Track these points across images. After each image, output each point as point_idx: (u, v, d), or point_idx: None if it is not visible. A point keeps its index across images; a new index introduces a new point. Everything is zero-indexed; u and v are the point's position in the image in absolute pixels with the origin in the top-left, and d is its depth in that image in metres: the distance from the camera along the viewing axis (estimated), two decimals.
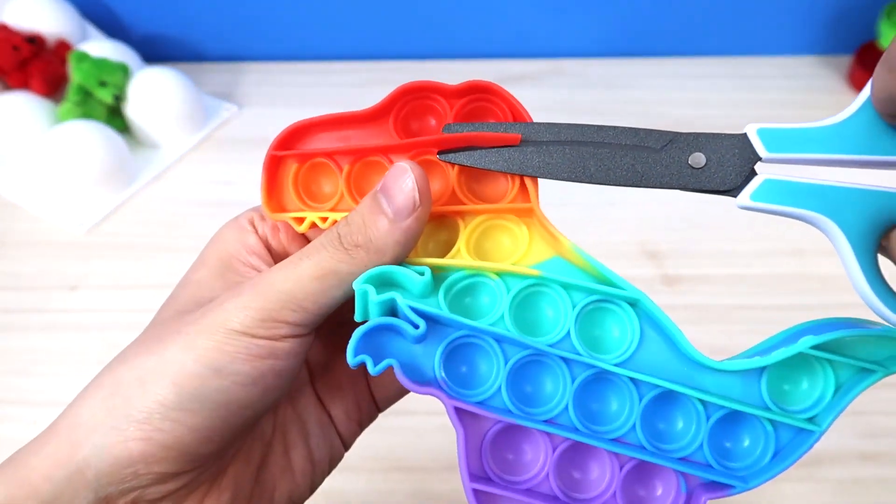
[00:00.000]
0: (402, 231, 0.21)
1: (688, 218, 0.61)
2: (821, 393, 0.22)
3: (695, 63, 0.78)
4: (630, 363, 0.22)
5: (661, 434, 0.22)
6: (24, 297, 0.56)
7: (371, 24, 0.79)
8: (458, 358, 0.23)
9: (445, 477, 0.45)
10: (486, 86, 0.23)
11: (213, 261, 0.25)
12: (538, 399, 0.22)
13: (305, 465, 0.26)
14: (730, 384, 0.22)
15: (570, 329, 0.22)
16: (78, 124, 0.62)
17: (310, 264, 0.21)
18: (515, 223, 0.23)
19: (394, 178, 0.21)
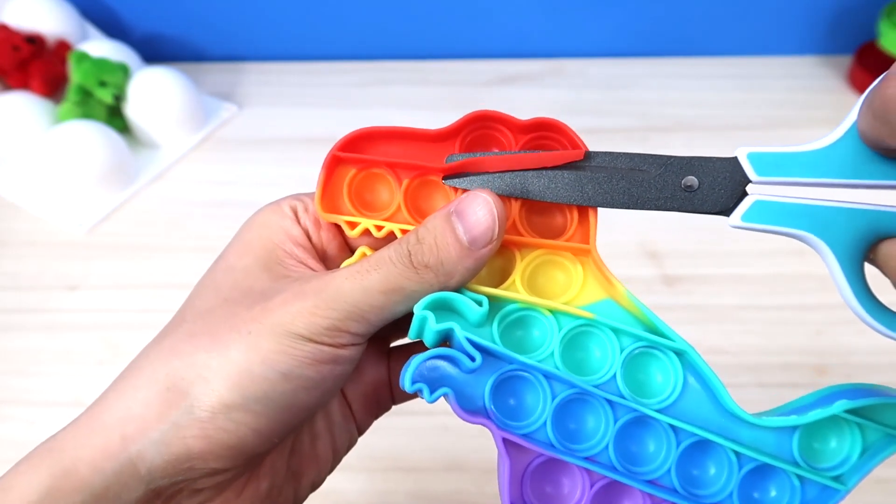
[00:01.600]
0: (475, 259, 0.22)
1: (688, 218, 0.61)
2: (848, 453, 0.23)
3: (695, 63, 0.78)
4: (671, 410, 0.23)
5: (694, 480, 0.23)
6: (24, 297, 0.56)
7: (371, 24, 0.79)
8: (507, 390, 0.23)
9: (445, 477, 0.45)
10: (552, 123, 0.24)
11: (258, 248, 0.24)
12: (581, 436, 0.23)
13: (328, 454, 0.26)
14: (763, 438, 0.23)
15: (616, 372, 0.23)
16: (78, 124, 0.62)
17: (378, 278, 0.21)
18: (571, 261, 0.24)
19: (473, 206, 0.21)
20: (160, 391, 0.21)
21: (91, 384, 0.50)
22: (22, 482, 0.20)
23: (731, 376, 0.49)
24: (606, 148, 0.26)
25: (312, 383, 0.21)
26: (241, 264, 0.24)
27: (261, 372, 0.21)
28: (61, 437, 0.21)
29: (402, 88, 0.76)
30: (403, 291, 0.21)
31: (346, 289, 0.21)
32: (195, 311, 0.23)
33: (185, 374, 0.21)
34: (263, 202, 0.27)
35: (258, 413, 0.21)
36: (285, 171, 0.66)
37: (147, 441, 0.21)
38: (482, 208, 0.21)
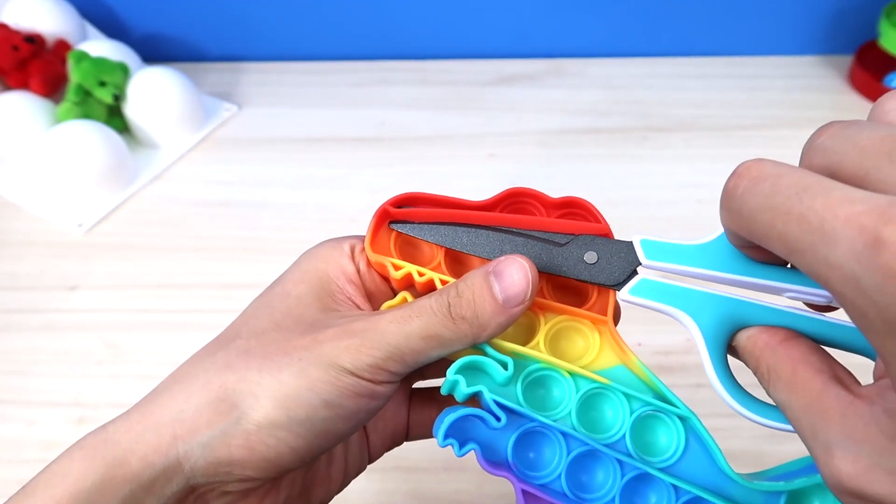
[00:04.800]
0: (507, 316, 0.24)
1: (688, 218, 0.61)
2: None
3: (695, 63, 0.78)
4: (673, 469, 0.25)
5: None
6: (24, 297, 0.56)
7: (371, 24, 0.79)
8: (527, 444, 0.26)
9: (445, 477, 0.45)
10: (579, 202, 0.27)
11: (313, 279, 0.26)
12: (590, 487, 0.26)
13: (339, 476, 0.29)
14: (755, 498, 0.25)
15: (626, 433, 0.25)
16: (77, 124, 0.62)
17: (419, 324, 0.24)
18: (590, 329, 0.27)
19: (510, 269, 0.24)
20: (212, 400, 0.23)
21: (91, 384, 0.50)
22: (77, 469, 0.22)
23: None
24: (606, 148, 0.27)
25: (349, 413, 0.23)
26: (296, 291, 0.26)
27: (307, 397, 0.23)
28: (114, 430, 0.23)
29: (402, 88, 0.76)
30: (440, 339, 0.24)
31: (390, 332, 0.23)
32: (250, 330, 0.25)
33: (237, 388, 0.23)
34: (263, 202, 0.29)
35: (298, 434, 0.23)
36: (285, 171, 0.66)
37: (195, 443, 0.22)
38: (518, 272, 0.24)
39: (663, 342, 0.51)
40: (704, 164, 0.66)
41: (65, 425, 0.48)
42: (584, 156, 0.67)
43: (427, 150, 0.69)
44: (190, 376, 0.24)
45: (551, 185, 0.65)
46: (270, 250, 0.58)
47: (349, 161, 0.67)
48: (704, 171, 0.65)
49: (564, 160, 0.67)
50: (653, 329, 0.52)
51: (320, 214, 0.61)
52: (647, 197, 0.63)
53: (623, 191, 0.63)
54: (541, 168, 0.66)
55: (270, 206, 0.63)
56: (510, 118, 0.72)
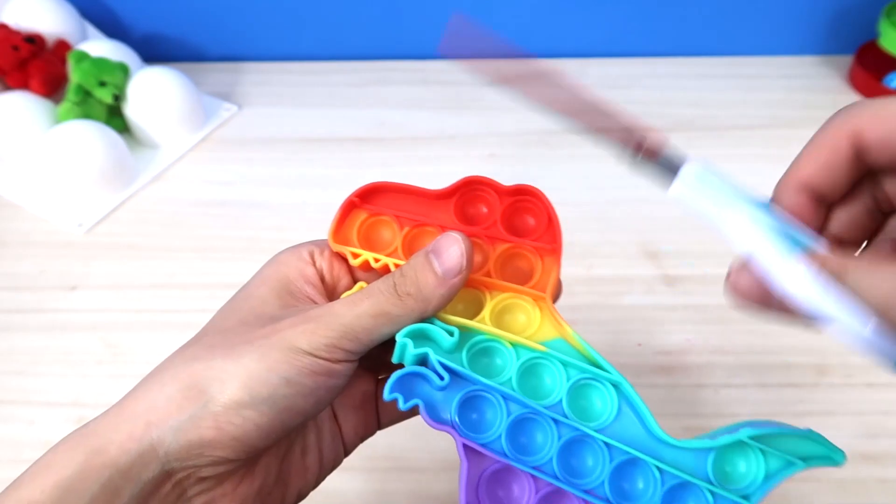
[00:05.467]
0: (448, 287, 0.26)
1: (688, 218, 0.61)
2: (753, 476, 0.27)
3: (695, 63, 0.78)
4: (606, 430, 0.27)
5: (624, 492, 0.27)
6: (24, 297, 0.56)
7: (370, 24, 0.79)
8: (471, 406, 0.28)
9: (445, 477, 0.45)
10: (531, 190, 0.29)
11: (274, 282, 0.29)
12: (530, 448, 0.27)
13: (315, 467, 0.30)
14: (683, 458, 0.27)
15: (563, 398, 0.27)
16: (77, 124, 0.62)
17: (369, 304, 0.26)
18: (531, 305, 0.29)
19: (446, 244, 0.27)
20: (182, 388, 0.25)
21: (90, 384, 0.50)
22: (61, 459, 0.24)
23: (732, 376, 0.49)
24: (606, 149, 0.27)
25: (309, 390, 0.25)
26: (258, 293, 0.28)
27: (268, 377, 0.25)
28: (94, 424, 0.25)
29: (402, 88, 0.76)
30: (389, 316, 0.26)
31: (342, 313, 0.26)
32: (215, 329, 0.27)
33: (204, 375, 0.25)
34: (263, 202, 0.30)
35: (262, 412, 0.25)
36: (285, 171, 0.66)
37: (167, 428, 0.24)
38: (453, 245, 0.26)
39: (663, 342, 0.51)
40: None
41: (65, 425, 0.48)
42: (584, 156, 0.67)
43: (427, 150, 0.69)
44: (161, 371, 0.26)
45: (551, 184, 0.65)
46: (270, 250, 0.58)
47: (349, 161, 0.67)
48: None
49: (564, 160, 0.67)
50: (653, 329, 0.52)
51: (320, 214, 0.61)
52: (647, 197, 0.63)
53: (623, 191, 0.63)
54: (541, 168, 0.66)
55: (270, 206, 0.63)
56: (510, 118, 0.72)
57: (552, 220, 0.29)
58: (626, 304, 0.54)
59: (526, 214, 0.30)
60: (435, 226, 0.30)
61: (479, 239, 0.29)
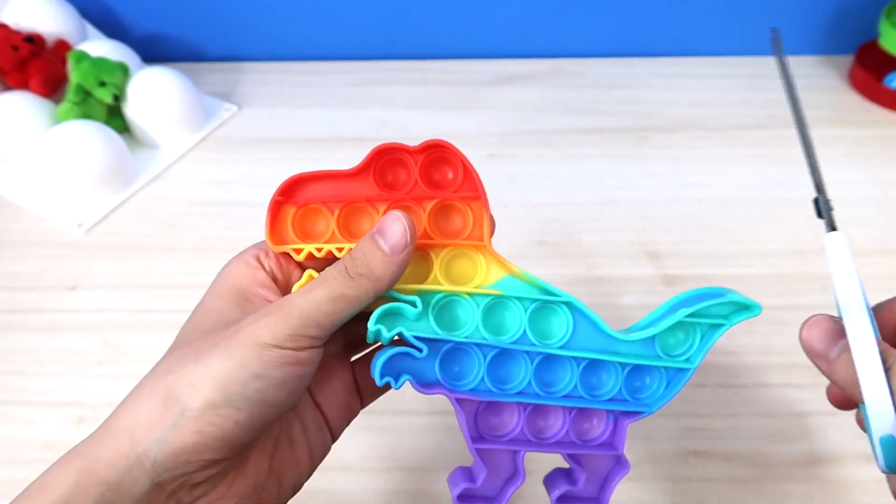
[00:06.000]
0: (397, 263, 0.28)
1: (688, 218, 0.61)
2: (691, 342, 0.32)
3: (695, 63, 0.78)
4: (568, 345, 0.31)
5: (593, 386, 0.32)
6: (24, 297, 0.56)
7: (371, 24, 0.79)
8: (450, 361, 0.31)
9: (445, 477, 0.45)
10: (440, 143, 0.30)
11: (229, 293, 0.30)
12: (509, 379, 0.31)
13: (305, 458, 0.31)
14: (636, 348, 0.31)
15: (525, 328, 0.31)
16: (77, 124, 0.62)
17: (324, 290, 0.27)
18: (474, 252, 0.31)
19: (389, 223, 0.28)
20: (159, 400, 0.26)
21: (90, 384, 0.50)
22: (54, 480, 0.25)
23: (732, 376, 0.49)
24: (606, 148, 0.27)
25: (280, 381, 0.26)
26: (217, 306, 0.29)
27: (237, 374, 0.25)
28: (85, 444, 0.26)
29: (402, 88, 0.76)
30: (346, 298, 0.27)
31: (300, 302, 0.27)
32: (182, 342, 0.28)
33: (177, 385, 0.26)
34: (263, 202, 0.30)
35: (238, 408, 0.25)
36: (285, 171, 0.66)
37: (151, 441, 0.25)
38: (395, 222, 0.28)
39: None
40: (704, 164, 0.66)
41: (65, 425, 0.48)
42: (584, 156, 0.67)
43: None
44: (139, 388, 0.27)
45: (551, 185, 0.66)
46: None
47: (349, 161, 0.67)
48: (704, 171, 0.66)
49: (564, 160, 0.67)
50: None
51: None
52: (647, 197, 0.63)
53: (623, 191, 0.63)
54: (541, 168, 0.66)
55: None
56: (510, 118, 0.72)
57: (467, 169, 0.30)
58: (626, 304, 0.54)
59: (443, 167, 0.31)
60: (362, 200, 0.31)
61: (406, 202, 0.31)
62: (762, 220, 0.61)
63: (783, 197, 0.63)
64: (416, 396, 0.47)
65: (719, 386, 0.49)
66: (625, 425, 0.32)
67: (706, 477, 0.45)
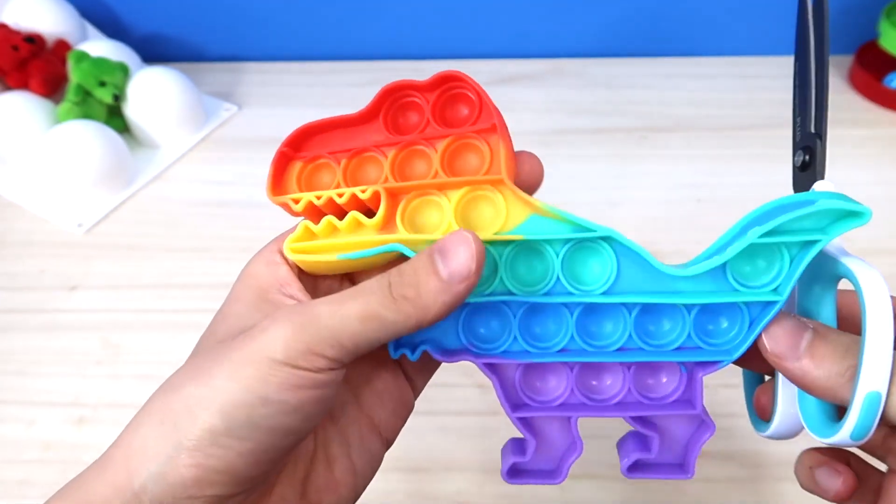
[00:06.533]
0: (452, 294, 0.23)
1: (688, 218, 0.61)
2: (779, 268, 0.25)
3: (695, 63, 0.78)
4: (613, 290, 0.26)
5: (653, 334, 0.26)
6: (24, 297, 0.56)
7: (371, 24, 0.79)
8: (476, 322, 0.27)
9: (445, 477, 0.45)
10: (453, 75, 0.26)
11: (248, 295, 0.26)
12: (548, 335, 0.26)
13: (348, 477, 0.26)
14: (701, 282, 0.25)
15: (558, 274, 0.26)
16: (77, 124, 0.62)
17: (356, 306, 0.22)
18: (492, 192, 0.26)
19: (454, 244, 0.23)
20: (155, 426, 0.22)
21: (90, 384, 0.50)
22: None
23: (732, 376, 0.49)
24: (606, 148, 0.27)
25: (291, 407, 0.22)
26: (233, 311, 0.25)
27: (242, 398, 0.21)
28: (85, 476, 0.23)
29: None
30: (380, 320, 0.22)
31: (323, 314, 0.22)
32: (193, 355, 0.25)
33: (174, 407, 0.22)
34: (263, 202, 0.29)
35: (243, 437, 0.22)
36: None
37: (147, 474, 0.22)
38: (462, 245, 0.23)
39: None
40: (704, 164, 0.66)
41: (65, 425, 0.48)
42: (584, 156, 0.67)
43: None
44: (143, 408, 0.23)
45: (551, 184, 0.65)
46: None
47: None
48: (704, 171, 0.65)
49: (564, 160, 0.67)
50: None
51: None
52: (647, 197, 0.63)
53: (623, 191, 0.63)
54: None
55: (270, 206, 0.62)
56: (510, 118, 0.71)
57: (482, 99, 0.27)
58: None
59: (457, 105, 0.28)
60: (370, 148, 0.28)
61: (418, 144, 0.27)
62: None
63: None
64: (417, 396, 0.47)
65: (719, 386, 0.49)
66: (700, 378, 0.26)
67: (706, 477, 0.45)
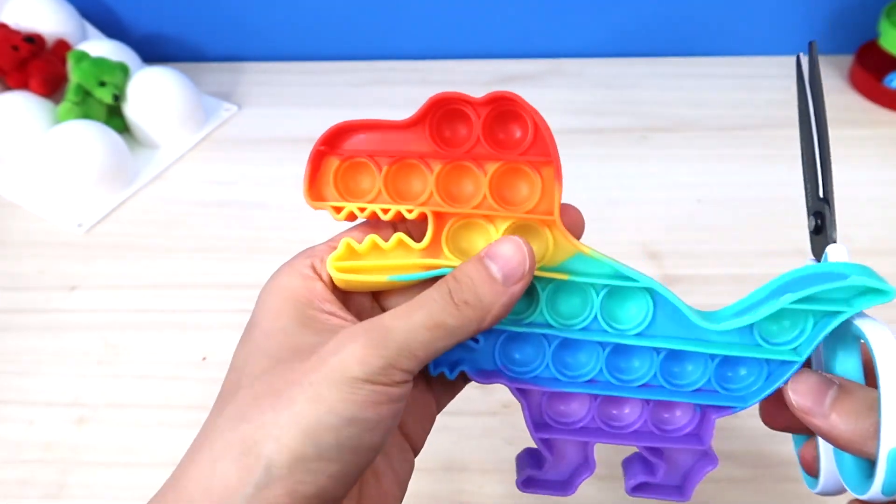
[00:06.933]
0: (509, 294, 0.24)
1: (688, 218, 0.61)
2: (801, 330, 0.26)
3: (695, 63, 0.78)
4: (646, 333, 0.27)
5: (676, 375, 0.28)
6: (24, 297, 0.56)
7: (371, 24, 0.79)
8: (511, 348, 0.28)
9: (445, 477, 0.45)
10: (509, 95, 0.26)
11: (290, 310, 0.25)
12: (578, 366, 0.28)
13: (394, 489, 0.27)
14: (729, 338, 0.27)
15: (597, 313, 0.27)
16: (77, 124, 0.62)
17: (423, 315, 0.23)
18: (541, 227, 0.27)
19: (504, 247, 0.24)
20: (236, 457, 0.21)
21: (90, 384, 0.50)
22: None
23: None
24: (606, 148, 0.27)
25: (373, 424, 0.22)
26: (279, 326, 0.25)
27: (328, 420, 0.21)
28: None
29: (402, 88, 0.76)
30: (446, 327, 0.23)
31: (395, 328, 0.23)
32: (250, 376, 0.24)
33: (256, 436, 0.21)
34: (263, 202, 0.29)
35: (331, 460, 0.22)
36: (285, 171, 0.66)
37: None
38: (512, 247, 0.24)
39: None
40: (704, 164, 0.66)
41: (65, 425, 0.48)
42: (584, 156, 0.67)
43: None
44: (210, 440, 0.22)
45: None
46: (270, 250, 0.58)
47: None
48: (704, 171, 0.65)
49: (564, 160, 0.66)
50: None
51: (320, 214, 0.61)
52: (647, 197, 0.63)
53: (623, 191, 0.63)
54: None
55: (270, 206, 0.63)
56: None
57: (538, 128, 0.26)
58: None
59: (510, 125, 0.27)
60: (415, 157, 0.27)
61: (465, 161, 0.27)
62: (762, 220, 0.60)
63: (783, 197, 0.63)
64: None
65: None
66: (713, 419, 0.28)
67: (706, 477, 0.45)
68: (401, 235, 0.27)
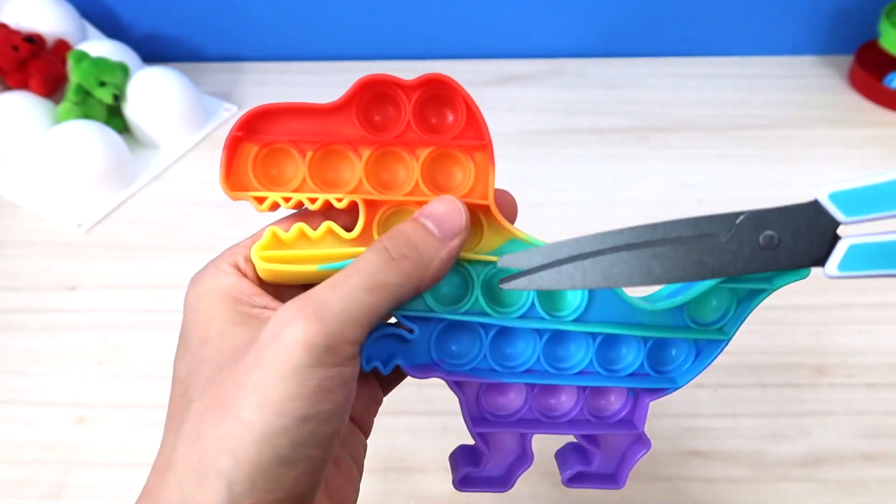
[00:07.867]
0: (448, 249, 0.23)
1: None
2: (726, 309, 0.27)
3: (695, 63, 0.78)
4: (583, 318, 0.27)
5: (611, 361, 0.28)
6: (24, 297, 0.56)
7: (370, 25, 0.79)
8: (448, 340, 0.27)
9: (445, 477, 0.45)
10: (440, 78, 0.25)
11: (221, 312, 0.24)
12: (516, 356, 0.28)
13: (354, 473, 0.27)
14: (660, 317, 0.27)
15: (533, 300, 0.27)
16: (77, 124, 0.62)
17: (359, 278, 0.22)
18: (474, 212, 0.26)
19: (437, 203, 0.24)
20: (198, 479, 0.20)
21: (90, 384, 0.50)
22: None
23: (732, 376, 0.49)
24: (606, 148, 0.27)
25: (328, 415, 0.21)
26: (214, 330, 0.23)
27: (279, 424, 0.20)
28: None
29: None
30: (386, 286, 0.22)
31: (330, 297, 0.21)
32: (198, 388, 0.22)
33: (212, 454, 0.20)
34: None
35: (293, 460, 0.21)
36: None
37: None
38: (446, 203, 0.24)
39: None
40: (704, 164, 0.66)
41: (65, 425, 0.48)
42: (584, 156, 0.67)
43: None
44: (173, 462, 0.21)
45: (551, 185, 0.65)
46: None
47: None
48: (704, 171, 0.66)
49: (564, 160, 0.67)
50: None
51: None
52: (647, 197, 0.63)
53: (623, 191, 0.63)
54: (541, 168, 0.66)
55: None
56: (510, 118, 0.71)
57: (471, 111, 0.25)
58: None
59: (442, 108, 0.26)
60: (342, 142, 0.26)
61: (395, 147, 0.26)
62: None
63: (783, 197, 0.63)
64: (413, 397, 0.47)
65: (719, 386, 0.49)
66: (646, 402, 0.28)
67: (706, 477, 0.45)
68: (330, 224, 0.25)
